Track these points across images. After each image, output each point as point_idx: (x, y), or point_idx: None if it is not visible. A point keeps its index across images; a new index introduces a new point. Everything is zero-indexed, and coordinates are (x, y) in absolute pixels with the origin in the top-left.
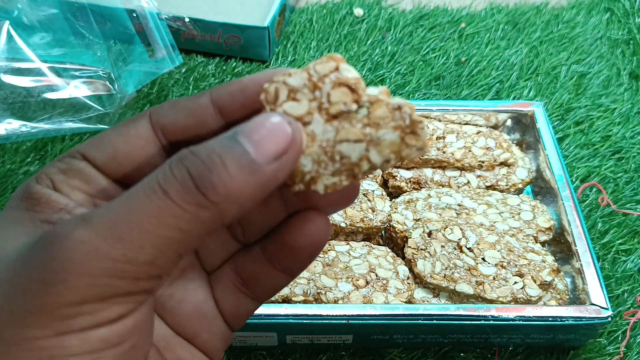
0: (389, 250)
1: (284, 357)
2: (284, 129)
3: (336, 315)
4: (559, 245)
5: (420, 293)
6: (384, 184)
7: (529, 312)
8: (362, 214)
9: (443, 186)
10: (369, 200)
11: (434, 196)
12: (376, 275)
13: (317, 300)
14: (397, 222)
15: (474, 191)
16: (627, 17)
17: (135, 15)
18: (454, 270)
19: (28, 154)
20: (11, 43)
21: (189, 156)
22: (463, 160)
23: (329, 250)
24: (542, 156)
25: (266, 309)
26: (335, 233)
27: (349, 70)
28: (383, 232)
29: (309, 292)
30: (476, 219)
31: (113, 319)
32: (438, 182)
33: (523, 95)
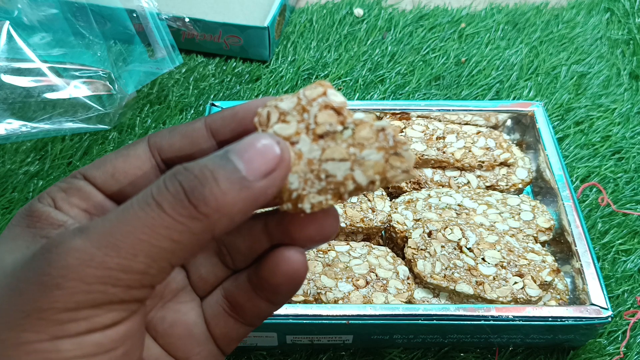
0: (389, 250)
1: (284, 357)
2: (273, 148)
3: (336, 316)
4: (559, 245)
5: (420, 293)
6: None
7: (529, 312)
8: (362, 214)
9: (443, 186)
10: (369, 200)
11: (434, 196)
12: (376, 275)
13: (317, 300)
14: (397, 222)
15: (474, 191)
16: (627, 17)
17: (135, 15)
18: (454, 271)
19: (28, 154)
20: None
21: (182, 171)
22: (463, 160)
23: (329, 250)
24: (542, 156)
25: None
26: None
27: (335, 95)
28: (383, 232)
29: (309, 292)
30: (476, 219)
31: (107, 325)
32: (438, 182)
33: (523, 95)
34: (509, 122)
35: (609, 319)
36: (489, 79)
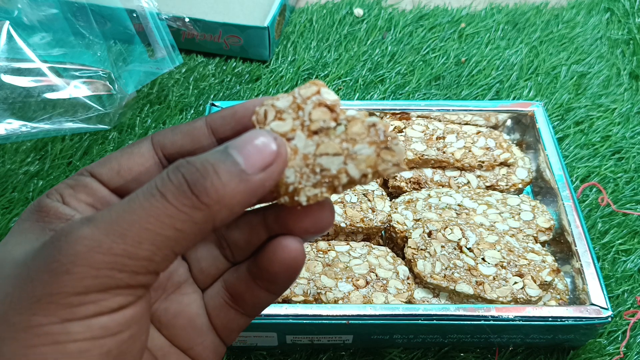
0: (389, 250)
1: (284, 357)
2: (270, 144)
3: (336, 316)
4: (559, 245)
5: (420, 293)
6: (384, 184)
7: (529, 312)
8: (362, 214)
9: (443, 186)
10: (369, 200)
11: (434, 196)
12: (376, 275)
13: (317, 300)
14: (397, 222)
15: (474, 191)
16: (627, 17)
17: (135, 15)
18: (454, 271)
19: (28, 154)
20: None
21: (185, 164)
22: (463, 160)
23: (329, 250)
24: (542, 156)
25: (266, 309)
26: (335, 233)
27: (328, 93)
28: (383, 232)
29: (309, 292)
30: (476, 219)
31: (114, 308)
32: (438, 182)
33: (523, 95)
34: (509, 122)
35: (609, 319)
36: (489, 79)
